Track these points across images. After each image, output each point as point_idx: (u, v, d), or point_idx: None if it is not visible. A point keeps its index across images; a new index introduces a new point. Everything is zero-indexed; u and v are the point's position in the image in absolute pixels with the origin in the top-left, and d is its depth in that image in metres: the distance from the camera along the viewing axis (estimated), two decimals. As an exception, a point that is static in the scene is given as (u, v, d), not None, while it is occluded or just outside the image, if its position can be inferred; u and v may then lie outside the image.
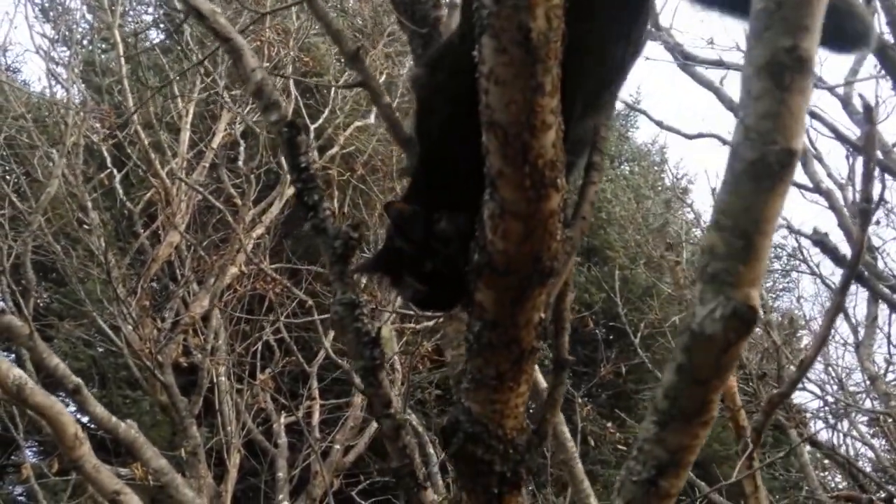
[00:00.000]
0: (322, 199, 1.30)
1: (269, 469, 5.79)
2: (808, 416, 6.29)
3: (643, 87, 12.37)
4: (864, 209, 2.17)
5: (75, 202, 6.10)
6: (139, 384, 6.16)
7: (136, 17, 9.19)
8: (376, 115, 7.15)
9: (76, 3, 8.64)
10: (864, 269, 3.82)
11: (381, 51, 7.02)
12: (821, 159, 4.68)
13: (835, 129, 4.08)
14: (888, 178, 4.12)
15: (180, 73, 6.40)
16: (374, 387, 1.25)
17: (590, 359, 7.33)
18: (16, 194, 6.06)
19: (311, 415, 5.93)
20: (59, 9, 8.16)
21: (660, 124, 4.33)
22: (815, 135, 4.36)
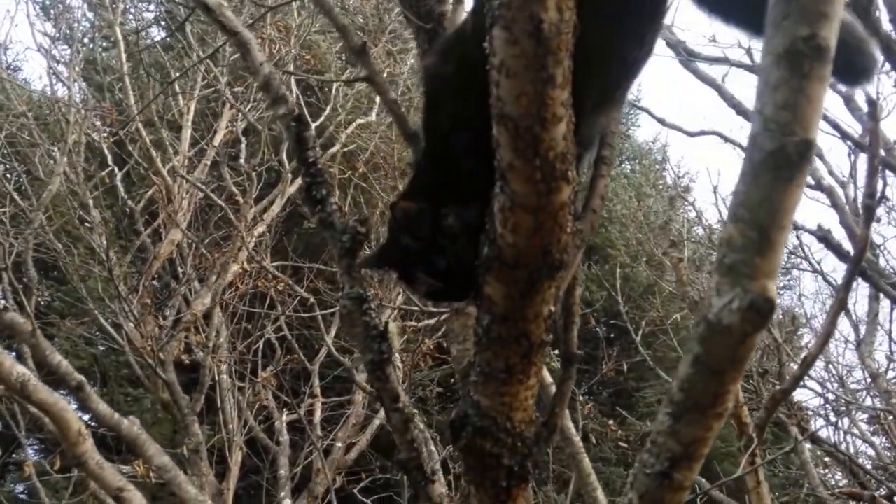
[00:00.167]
0: (330, 193, 1.29)
1: (271, 467, 5.79)
2: (808, 413, 6.30)
3: (644, 84, 12.37)
4: (868, 205, 2.17)
5: (77, 200, 6.10)
6: (141, 382, 6.16)
7: (138, 15, 9.17)
8: (378, 112, 7.14)
9: (77, 1, 8.66)
10: (866, 265, 3.82)
11: (382, 48, 7.01)
12: (822, 156, 4.69)
13: (837, 126, 4.08)
14: (889, 175, 4.12)
15: (182, 72, 6.39)
16: (382, 381, 1.25)
17: (591, 357, 7.32)
18: (17, 192, 6.06)
19: (312, 412, 5.93)
20: (60, 7, 8.15)
21: (662, 122, 4.33)
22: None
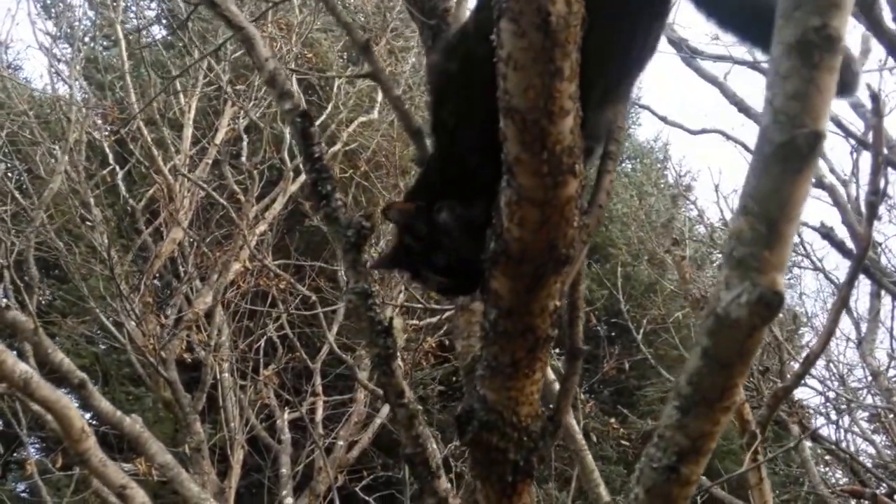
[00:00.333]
0: (335, 189, 1.29)
1: (273, 465, 5.78)
2: (809, 411, 6.30)
3: (646, 82, 12.34)
4: (872, 201, 2.17)
5: (78, 199, 6.09)
6: (142, 381, 6.16)
7: (139, 13, 9.17)
8: (380, 110, 7.13)
9: (78, 0, 8.65)
10: (868, 263, 3.81)
11: (383, 47, 7.00)
12: (824, 155, 4.68)
13: (839, 124, 4.06)
14: (891, 173, 4.11)
15: (183, 70, 6.39)
16: (387, 375, 1.25)
17: (592, 355, 7.31)
18: (18, 191, 6.06)
19: (314, 411, 5.92)
20: (61, 5, 8.15)
21: (664, 119, 4.32)
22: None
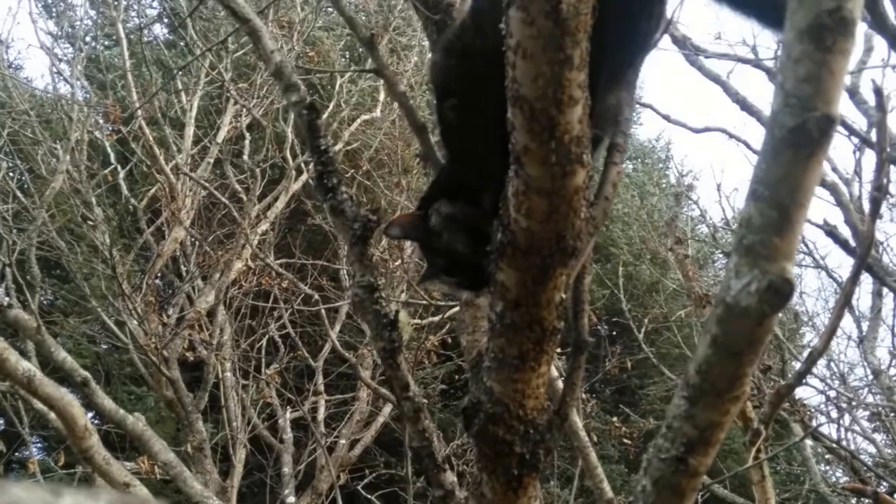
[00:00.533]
0: (341, 181, 1.29)
1: (275, 464, 5.79)
2: (810, 410, 6.29)
3: (648, 80, 12.35)
4: (875, 197, 2.17)
5: (79, 198, 6.09)
6: (144, 380, 6.15)
7: (140, 12, 9.17)
8: (382, 108, 7.13)
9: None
10: (871, 261, 3.81)
11: (386, 45, 7.00)
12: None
13: (842, 122, 4.06)
14: (893, 170, 4.10)
15: (183, 68, 6.38)
16: (393, 369, 1.25)
17: (594, 354, 7.31)
18: (20, 190, 6.06)
19: (316, 409, 5.92)
20: (62, 4, 8.16)
21: (667, 118, 4.31)
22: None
